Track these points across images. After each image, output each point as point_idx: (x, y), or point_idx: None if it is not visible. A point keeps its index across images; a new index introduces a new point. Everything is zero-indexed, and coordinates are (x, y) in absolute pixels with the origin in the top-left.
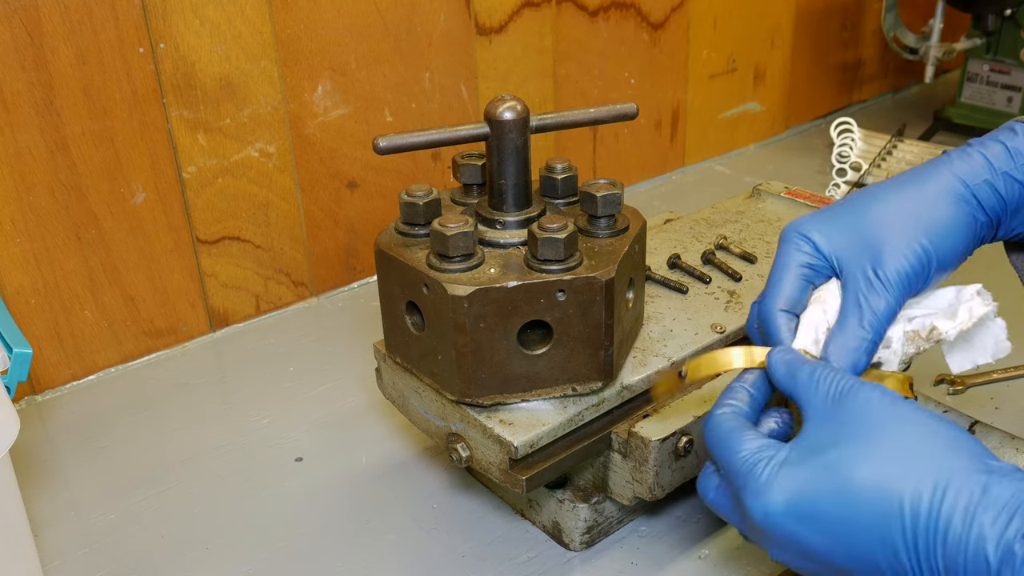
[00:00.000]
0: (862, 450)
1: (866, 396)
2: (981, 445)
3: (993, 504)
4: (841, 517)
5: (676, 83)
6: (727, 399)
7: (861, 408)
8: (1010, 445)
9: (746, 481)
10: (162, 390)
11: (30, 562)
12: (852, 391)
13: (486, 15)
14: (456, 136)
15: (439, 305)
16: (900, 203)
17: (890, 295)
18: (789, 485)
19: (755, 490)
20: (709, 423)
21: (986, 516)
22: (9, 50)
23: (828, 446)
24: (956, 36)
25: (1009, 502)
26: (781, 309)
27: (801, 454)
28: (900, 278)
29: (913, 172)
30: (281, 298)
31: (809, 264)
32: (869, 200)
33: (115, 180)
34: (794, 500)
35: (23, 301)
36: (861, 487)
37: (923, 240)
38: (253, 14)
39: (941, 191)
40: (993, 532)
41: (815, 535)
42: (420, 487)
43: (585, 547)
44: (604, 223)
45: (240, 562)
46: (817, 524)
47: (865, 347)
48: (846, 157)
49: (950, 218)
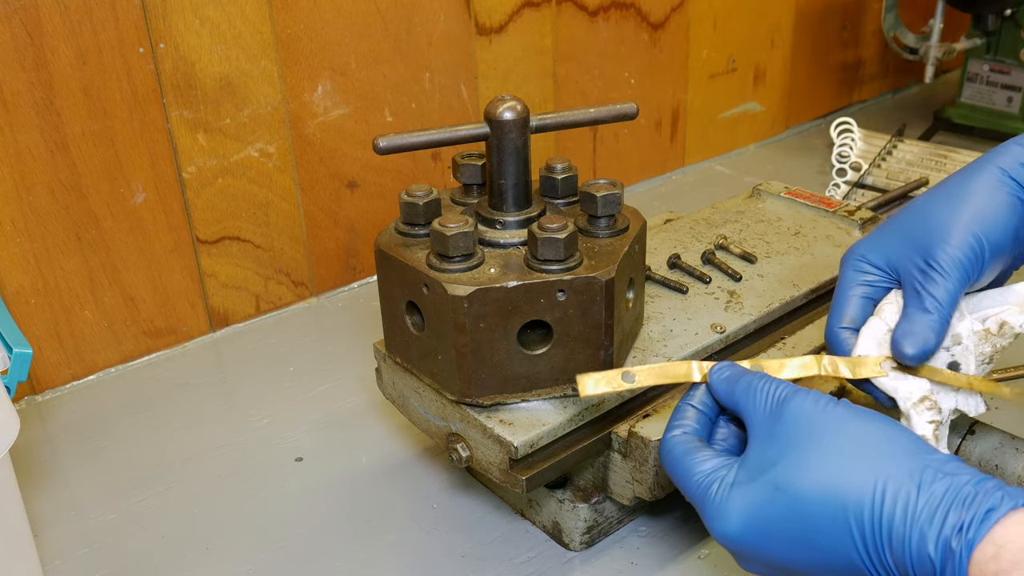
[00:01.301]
0: (802, 462)
1: (798, 404)
2: (915, 439)
3: (928, 502)
4: (795, 530)
5: (676, 83)
6: (676, 420)
7: (795, 418)
8: (1010, 445)
9: (703, 505)
10: (162, 390)
11: (30, 562)
12: (786, 400)
13: (486, 15)
14: (456, 136)
15: (439, 305)
16: (945, 201)
17: (947, 280)
18: (741, 506)
19: (711, 513)
20: (663, 448)
21: (923, 515)
22: (9, 50)
23: (771, 463)
24: (956, 36)
25: (943, 498)
26: (842, 327)
27: (749, 473)
28: (955, 265)
29: (955, 173)
30: (281, 298)
31: (867, 282)
32: (915, 206)
33: (115, 180)
34: (749, 520)
35: (23, 301)
36: (807, 499)
37: (973, 229)
38: (253, 14)
39: (982, 182)
40: (932, 531)
41: (775, 550)
42: (420, 487)
43: (585, 547)
44: (604, 223)
45: (240, 562)
46: (774, 539)
47: (932, 326)
48: (846, 157)
49: (995, 204)
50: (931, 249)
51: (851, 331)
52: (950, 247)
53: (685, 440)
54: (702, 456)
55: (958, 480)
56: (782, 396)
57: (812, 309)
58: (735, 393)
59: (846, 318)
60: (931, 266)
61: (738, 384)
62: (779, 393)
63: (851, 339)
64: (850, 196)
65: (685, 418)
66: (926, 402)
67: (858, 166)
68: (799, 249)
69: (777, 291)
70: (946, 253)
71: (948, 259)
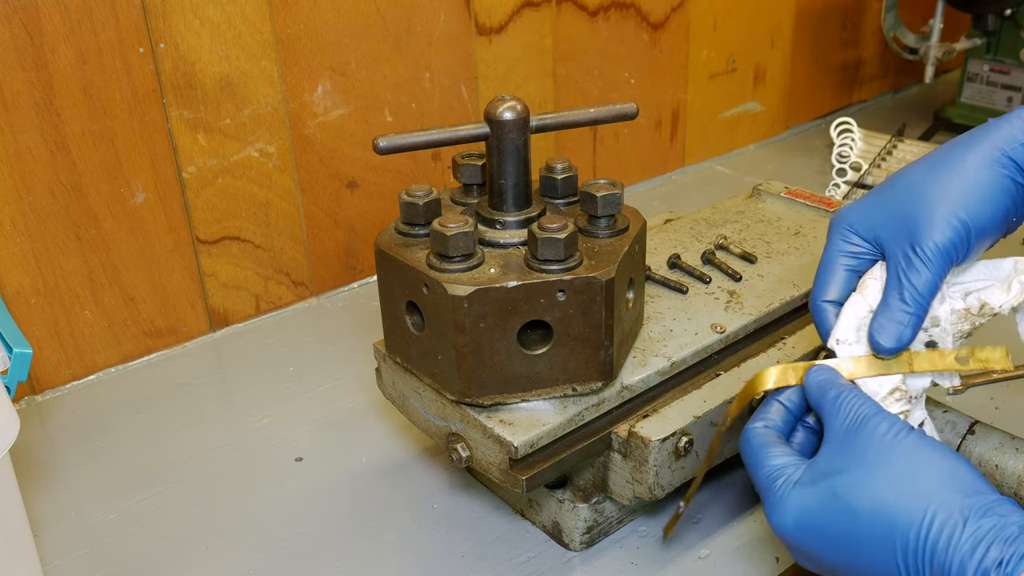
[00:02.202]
0: (865, 479)
1: (875, 425)
2: (977, 478)
3: (973, 535)
4: (844, 536)
5: (676, 83)
6: (762, 413)
7: (869, 437)
8: (1010, 445)
9: (766, 495)
10: (162, 390)
11: (30, 562)
12: (867, 420)
13: (486, 15)
14: (456, 136)
15: (439, 305)
16: (936, 176)
17: (929, 270)
18: (800, 503)
19: (772, 504)
20: (743, 436)
21: (966, 547)
22: (9, 50)
23: (837, 471)
24: (956, 36)
25: (988, 534)
26: (825, 300)
27: (813, 476)
28: (939, 251)
29: (949, 144)
30: (281, 298)
31: (852, 253)
32: (906, 178)
33: (115, 180)
34: (804, 518)
35: (23, 301)
36: (861, 512)
37: (959, 212)
38: (253, 14)
39: (977, 159)
40: (972, 562)
41: (822, 549)
42: (420, 487)
43: (585, 547)
44: (604, 223)
45: (240, 562)
46: (823, 540)
47: (908, 320)
48: (846, 157)
49: (987, 185)
50: (917, 231)
51: (833, 304)
52: (936, 232)
53: (765, 433)
54: (776, 451)
55: (1005, 520)
56: (864, 414)
57: None
58: (824, 398)
59: (830, 291)
60: (915, 252)
61: (829, 391)
62: (862, 411)
63: (833, 313)
64: (850, 196)
65: (770, 413)
66: (896, 393)
67: (858, 166)
68: (799, 249)
69: (777, 291)
70: (931, 239)
71: (932, 246)
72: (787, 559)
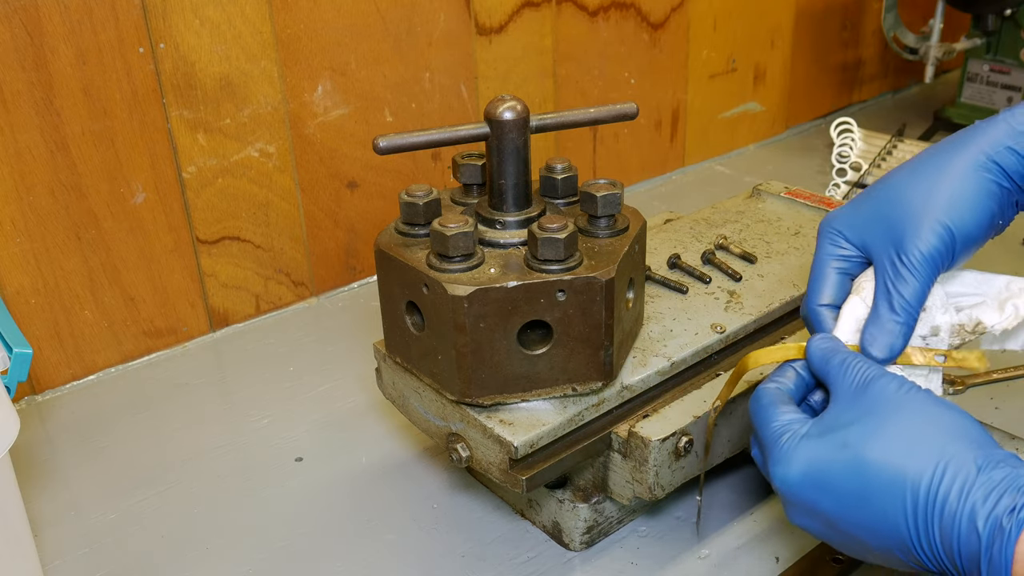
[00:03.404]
0: (875, 431)
1: (885, 384)
2: (985, 434)
3: (985, 484)
4: (851, 488)
5: (676, 83)
6: (775, 376)
7: (879, 393)
8: (1010, 445)
9: (771, 450)
10: (162, 390)
11: (30, 562)
12: (874, 379)
13: (486, 15)
14: (456, 136)
15: (439, 305)
16: (921, 182)
17: (916, 279)
18: (807, 455)
19: (777, 458)
20: (754, 395)
21: (978, 494)
22: (9, 50)
23: (845, 425)
24: (956, 36)
25: (1000, 483)
26: (821, 304)
27: (821, 430)
28: (925, 259)
29: (934, 148)
30: (281, 298)
31: (842, 256)
32: (891, 183)
33: (115, 180)
34: (811, 470)
35: (23, 301)
36: (870, 463)
37: (943, 218)
38: (253, 14)
39: (961, 164)
40: (984, 509)
41: (828, 502)
42: (420, 487)
43: (585, 547)
44: (604, 223)
45: (240, 562)
46: (830, 493)
47: (899, 331)
48: (846, 157)
49: (971, 190)
50: (903, 240)
51: (830, 308)
52: (922, 240)
53: (775, 393)
54: (784, 409)
55: (1017, 471)
56: (871, 375)
57: None
58: (829, 364)
59: (824, 295)
60: (902, 260)
61: (834, 357)
62: (870, 372)
63: (830, 317)
64: (850, 196)
65: (784, 377)
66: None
67: (858, 166)
68: (799, 249)
69: (777, 291)
70: (917, 248)
71: (919, 254)
72: (787, 559)
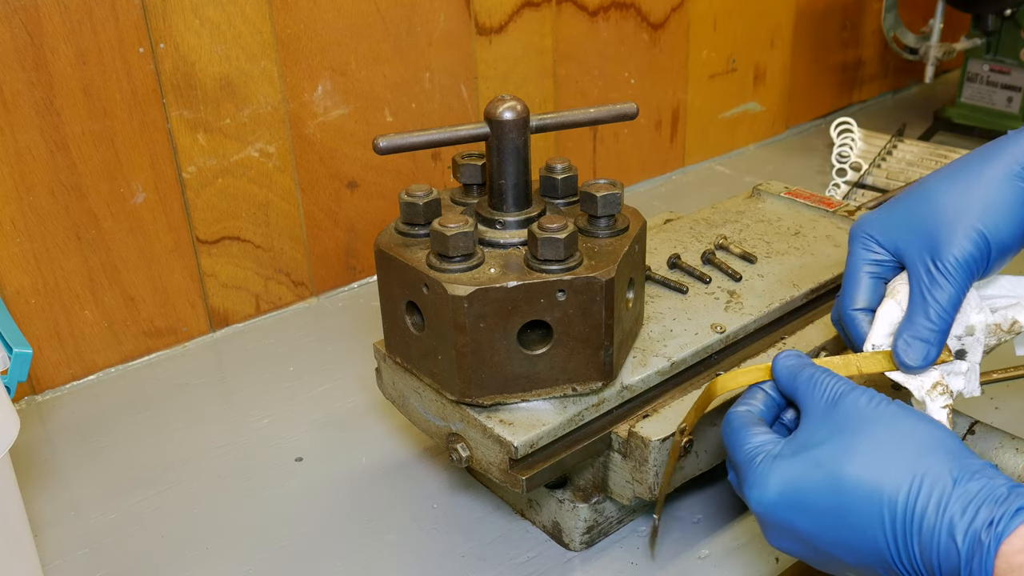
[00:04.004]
0: (848, 447)
1: (855, 399)
2: (960, 444)
3: (963, 497)
4: (827, 507)
5: (676, 83)
6: (745, 398)
7: (850, 409)
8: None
9: (746, 472)
10: (162, 390)
11: (30, 562)
12: (844, 395)
13: (486, 15)
14: (456, 136)
15: (439, 305)
16: (955, 189)
17: (951, 285)
18: (782, 476)
19: (752, 481)
20: (726, 419)
21: (956, 508)
22: (9, 50)
23: (818, 443)
24: (956, 36)
25: (977, 495)
26: (855, 309)
27: (794, 449)
28: (960, 266)
29: (968, 157)
30: (281, 298)
31: (876, 261)
32: (926, 189)
33: (115, 180)
34: (786, 490)
35: (23, 301)
36: (845, 480)
37: (978, 225)
38: (253, 14)
39: (995, 172)
40: (963, 523)
41: (805, 522)
42: (420, 487)
43: (585, 547)
44: (604, 223)
45: (240, 562)
46: (806, 512)
47: (934, 338)
48: (846, 157)
49: (1006, 198)
50: (938, 246)
51: (865, 312)
52: (957, 246)
53: (746, 415)
54: (757, 431)
55: (993, 483)
56: (840, 391)
57: (812, 309)
58: (796, 381)
59: (859, 299)
60: (937, 267)
61: (801, 374)
62: (838, 388)
63: (865, 321)
64: (850, 196)
65: (754, 399)
66: (939, 387)
67: (858, 166)
68: (799, 249)
69: (777, 291)
70: (952, 255)
71: (954, 260)
72: (787, 559)
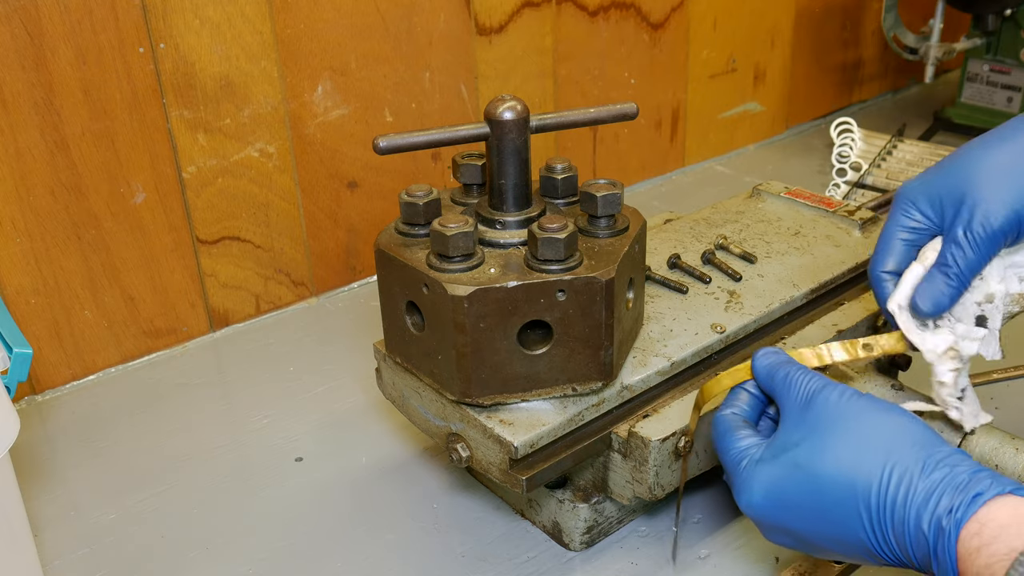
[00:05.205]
0: (822, 446)
1: (826, 396)
2: (928, 433)
3: (927, 486)
4: (810, 505)
5: (676, 83)
6: (729, 401)
7: (822, 407)
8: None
9: (734, 477)
10: (162, 390)
11: (30, 562)
12: (817, 392)
13: (486, 15)
14: (456, 136)
15: (439, 305)
16: (997, 157)
17: (975, 252)
18: (765, 479)
19: (739, 485)
20: (713, 424)
21: (920, 497)
22: (9, 50)
23: (795, 444)
24: (956, 36)
25: (940, 484)
26: (884, 271)
27: (774, 452)
28: (987, 235)
29: (1007, 126)
30: (281, 298)
31: (912, 228)
32: (970, 155)
33: (115, 180)
34: (770, 493)
35: (23, 301)
36: (823, 479)
37: (1011, 195)
38: (253, 14)
39: None
40: (927, 511)
41: (792, 520)
42: (420, 487)
43: (585, 547)
44: (604, 223)
45: (240, 562)
46: (792, 512)
47: (948, 292)
48: (846, 157)
49: None
50: (973, 213)
51: (891, 275)
52: (989, 217)
53: (731, 419)
54: (741, 435)
55: (956, 470)
56: (813, 388)
57: (812, 309)
58: (774, 379)
59: (889, 262)
60: (967, 233)
61: (777, 372)
62: (811, 385)
63: (891, 283)
64: (850, 196)
65: (738, 400)
66: (950, 352)
67: (858, 166)
68: (799, 249)
69: (777, 291)
70: (980, 224)
71: (981, 230)
72: (787, 559)
